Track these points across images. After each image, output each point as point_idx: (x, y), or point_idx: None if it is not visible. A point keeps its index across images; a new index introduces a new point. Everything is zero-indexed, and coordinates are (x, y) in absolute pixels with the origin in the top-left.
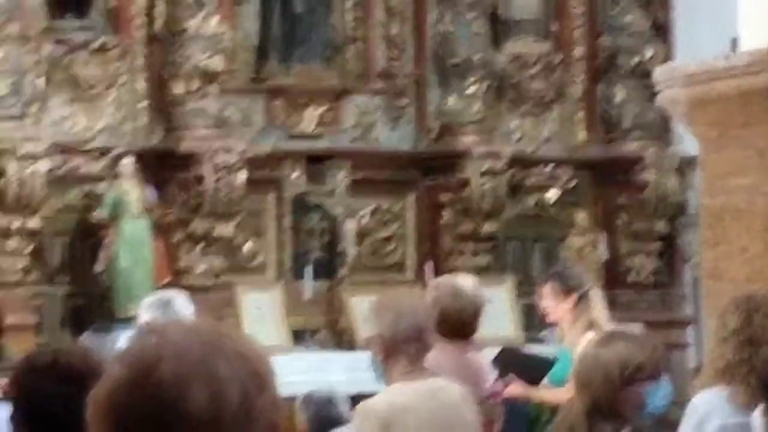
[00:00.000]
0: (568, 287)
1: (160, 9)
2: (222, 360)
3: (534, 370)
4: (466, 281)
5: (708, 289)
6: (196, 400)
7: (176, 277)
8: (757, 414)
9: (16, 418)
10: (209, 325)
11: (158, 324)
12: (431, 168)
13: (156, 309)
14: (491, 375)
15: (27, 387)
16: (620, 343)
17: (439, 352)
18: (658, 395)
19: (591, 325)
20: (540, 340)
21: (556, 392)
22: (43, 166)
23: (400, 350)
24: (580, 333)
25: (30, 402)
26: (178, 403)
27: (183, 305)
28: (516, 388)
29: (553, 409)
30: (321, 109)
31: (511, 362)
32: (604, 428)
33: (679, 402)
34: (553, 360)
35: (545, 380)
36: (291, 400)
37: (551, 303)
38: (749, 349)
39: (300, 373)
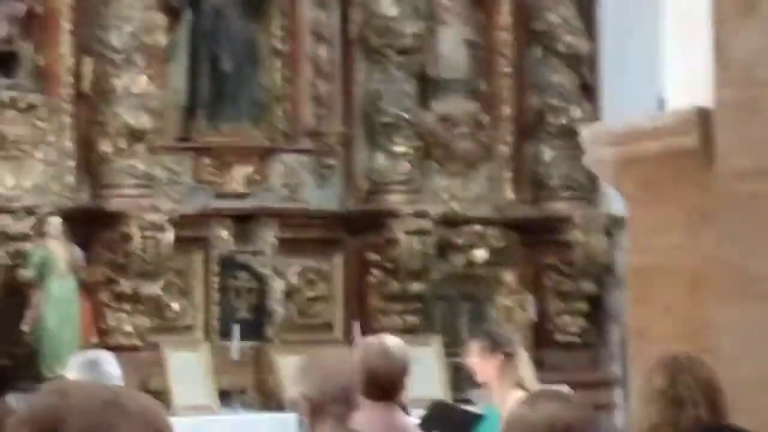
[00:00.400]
0: (495, 346)
1: (88, 67)
2: (123, 419)
3: (465, 425)
4: (392, 341)
5: (634, 349)
6: None
7: (103, 337)
8: None
9: None
10: (104, 385)
11: (59, 385)
12: (359, 227)
13: (83, 369)
14: None
15: None
16: (547, 402)
17: (367, 413)
18: None
19: (518, 384)
20: (468, 400)
21: None
22: None
23: (326, 411)
24: (507, 392)
25: None
26: None
27: (110, 366)
28: None
29: None
30: (249, 168)
31: (442, 417)
32: None
33: None
34: (481, 416)
35: None
36: None
37: (478, 361)
38: (675, 410)
39: None
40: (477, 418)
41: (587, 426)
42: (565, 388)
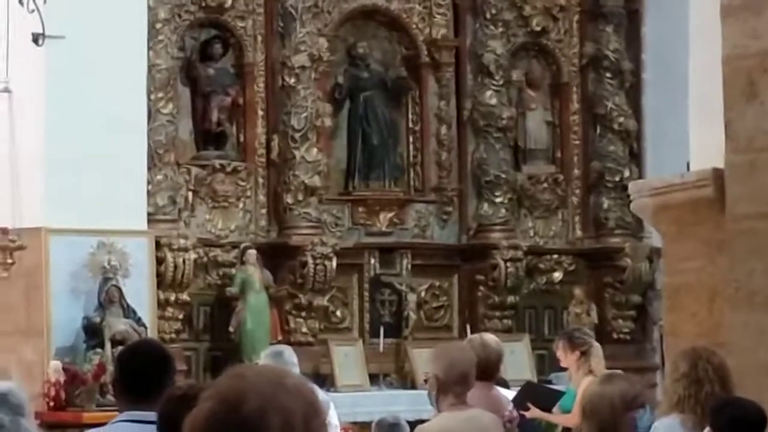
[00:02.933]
0: (574, 344)
1: (276, 142)
2: (287, 395)
3: (548, 400)
4: (489, 337)
5: (668, 344)
6: (273, 427)
7: (286, 336)
8: None
9: None
10: (272, 368)
11: (238, 369)
12: (470, 256)
13: (271, 358)
14: (509, 405)
15: (164, 413)
16: (619, 380)
17: (473, 389)
18: (644, 420)
19: (590, 372)
20: (549, 381)
21: (564, 417)
22: (191, 255)
23: (449, 389)
24: (581, 377)
25: (165, 425)
26: (262, 429)
27: (290, 356)
28: (535, 412)
29: (561, 430)
30: (390, 214)
31: (532, 393)
32: None
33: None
34: (562, 393)
35: (556, 408)
36: (368, 424)
37: (563, 354)
38: (695, 387)
39: (375, 405)
40: (559, 393)
41: (644, 398)
42: (619, 372)
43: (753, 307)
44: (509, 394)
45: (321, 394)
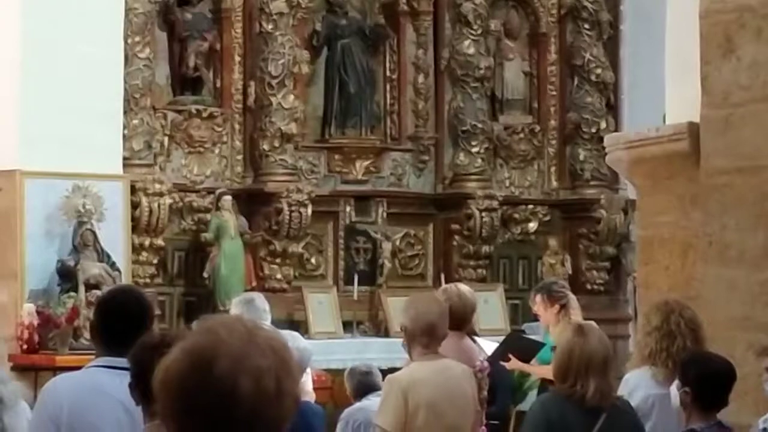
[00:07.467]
0: (553, 298)
1: (253, 88)
2: (260, 355)
3: (530, 351)
4: (464, 287)
5: (641, 296)
6: (244, 388)
7: (260, 282)
8: (673, 387)
9: (132, 386)
10: (244, 322)
11: (210, 323)
12: (445, 205)
13: (242, 305)
14: (481, 356)
15: (138, 360)
16: (593, 337)
17: (446, 339)
18: None
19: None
20: (522, 331)
21: (545, 369)
22: (166, 200)
23: (416, 340)
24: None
25: (139, 372)
26: (233, 391)
27: (261, 303)
28: (515, 363)
29: (540, 381)
30: (366, 162)
31: (514, 344)
32: None
33: (620, 377)
34: (544, 344)
35: (534, 360)
36: (341, 372)
37: (541, 308)
38: (667, 341)
39: (348, 353)
40: (542, 345)
41: (612, 356)
42: (593, 323)
43: (725, 261)
44: (487, 344)
45: (302, 341)
